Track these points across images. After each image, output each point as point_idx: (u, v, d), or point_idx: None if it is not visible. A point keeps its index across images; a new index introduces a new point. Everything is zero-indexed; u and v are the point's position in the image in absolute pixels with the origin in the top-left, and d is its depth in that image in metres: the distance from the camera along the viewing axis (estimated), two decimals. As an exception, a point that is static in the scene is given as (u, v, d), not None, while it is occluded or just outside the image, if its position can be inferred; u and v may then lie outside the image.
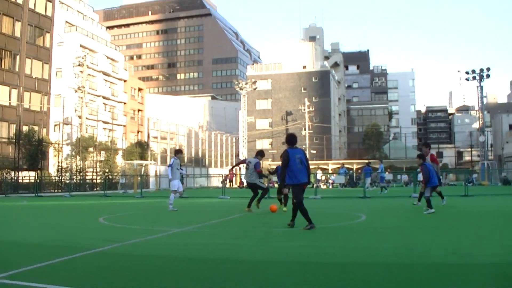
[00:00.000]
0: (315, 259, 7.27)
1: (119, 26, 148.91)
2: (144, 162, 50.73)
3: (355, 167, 68.58)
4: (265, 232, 11.15)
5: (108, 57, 70.87)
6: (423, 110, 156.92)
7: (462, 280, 5.82)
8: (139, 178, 41.29)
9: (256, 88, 75.22)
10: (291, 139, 11.19)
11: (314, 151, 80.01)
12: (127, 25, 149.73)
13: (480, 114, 70.10)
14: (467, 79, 67.43)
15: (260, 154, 17.75)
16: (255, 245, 8.97)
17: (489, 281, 5.86)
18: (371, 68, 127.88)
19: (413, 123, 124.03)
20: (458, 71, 78.88)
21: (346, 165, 59.18)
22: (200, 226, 12.56)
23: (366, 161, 50.12)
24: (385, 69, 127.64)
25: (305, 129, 79.77)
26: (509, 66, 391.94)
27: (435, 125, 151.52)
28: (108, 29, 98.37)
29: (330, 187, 51.97)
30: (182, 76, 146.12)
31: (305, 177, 10.78)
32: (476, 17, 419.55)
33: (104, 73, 68.08)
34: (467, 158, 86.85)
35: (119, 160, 55.77)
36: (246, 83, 70.15)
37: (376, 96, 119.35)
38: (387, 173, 38.88)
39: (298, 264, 6.87)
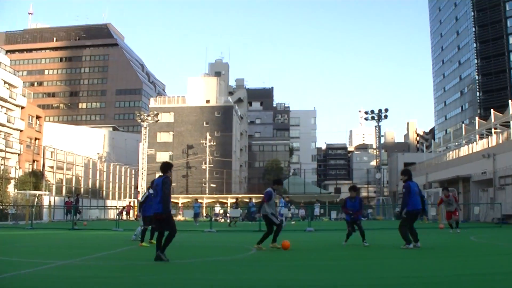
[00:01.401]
0: None
1: (21, 51, 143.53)
2: (37, 192, 48.88)
3: (254, 201, 68.92)
4: (147, 265, 10.84)
5: (5, 82, 68.31)
6: (324, 147, 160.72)
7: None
8: (31, 209, 39.64)
9: (158, 120, 74.52)
10: (162, 167, 11.36)
11: (214, 185, 79.96)
12: (30, 50, 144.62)
13: (377, 153, 72.60)
14: (366, 119, 69.97)
15: (277, 182, 15.71)
16: (136, 278, 8.89)
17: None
18: (274, 105, 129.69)
19: (313, 159, 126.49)
20: (359, 111, 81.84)
21: (244, 199, 59.58)
22: (85, 258, 12.22)
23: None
24: (288, 106, 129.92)
25: (205, 163, 79.67)
26: (407, 108, 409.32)
27: (334, 162, 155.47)
28: (8, 53, 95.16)
29: (228, 220, 51.99)
30: (84, 105, 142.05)
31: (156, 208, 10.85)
32: (376, 61, 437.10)
33: (0, 98, 65.48)
34: (364, 194, 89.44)
35: (11, 190, 53.50)
36: (148, 115, 69.46)
37: (278, 133, 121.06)
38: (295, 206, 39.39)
39: None
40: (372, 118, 68.98)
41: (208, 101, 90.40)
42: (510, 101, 47.57)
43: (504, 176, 39.43)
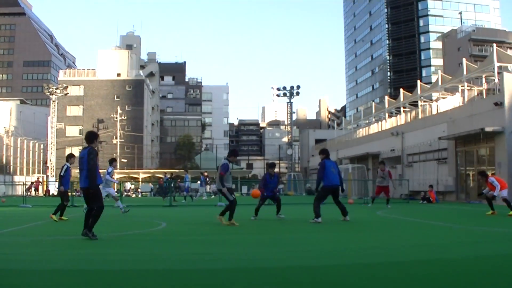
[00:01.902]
0: (98, 267, 6.98)
1: None
2: None
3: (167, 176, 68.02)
4: (56, 240, 10.42)
5: None
6: (236, 123, 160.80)
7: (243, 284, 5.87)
8: None
9: (68, 93, 72.03)
10: (88, 137, 10.25)
11: (125, 160, 78.33)
12: None
13: (289, 129, 73.01)
14: (279, 95, 70.17)
15: (233, 153, 14.82)
16: (41, 254, 8.34)
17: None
18: (186, 79, 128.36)
19: (225, 135, 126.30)
20: (272, 87, 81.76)
21: (157, 175, 58.59)
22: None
23: (176, 170, 50.13)
24: (201, 82, 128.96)
25: (116, 138, 77.85)
26: (319, 86, 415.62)
27: (247, 138, 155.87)
28: None
29: (140, 195, 51.50)
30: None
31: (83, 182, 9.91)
32: (289, 38, 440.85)
33: None
34: (275, 170, 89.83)
35: None
36: (57, 88, 66.97)
37: (190, 108, 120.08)
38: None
39: (78, 272, 6.51)
40: (284, 94, 69.30)
41: (119, 75, 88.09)
42: (418, 81, 48.57)
43: (412, 153, 40.30)
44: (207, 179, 42.21)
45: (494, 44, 36.90)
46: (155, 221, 15.21)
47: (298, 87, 69.34)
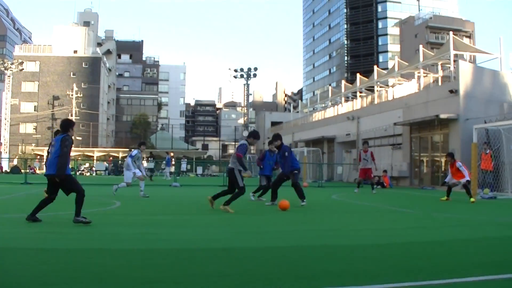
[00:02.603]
0: (40, 246, 6.83)
1: None
2: None
3: (120, 155, 67.26)
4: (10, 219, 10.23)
5: None
6: (192, 103, 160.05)
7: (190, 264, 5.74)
8: None
9: (23, 69, 70.62)
10: (63, 125, 9.85)
11: (80, 138, 77.12)
12: None
13: (246, 111, 72.85)
14: (236, 77, 69.94)
15: (253, 135, 13.88)
16: None
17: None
18: (144, 58, 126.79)
19: (181, 115, 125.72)
20: (229, 68, 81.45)
21: (111, 153, 57.97)
22: None
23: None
24: (158, 61, 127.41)
25: (71, 115, 76.48)
26: (276, 68, 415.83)
27: (203, 119, 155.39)
28: None
29: (94, 174, 50.87)
30: None
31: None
32: (247, 20, 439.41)
33: None
34: (231, 151, 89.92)
35: None
36: (12, 63, 65.45)
37: (147, 87, 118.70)
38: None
39: (24, 251, 6.38)
40: (242, 76, 69.17)
41: (75, 52, 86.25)
42: (375, 66, 48.86)
43: (367, 138, 40.54)
44: (173, 160, 42.03)
45: (451, 32, 37.33)
46: (110, 201, 15.04)
47: (256, 69, 69.29)
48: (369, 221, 11.30)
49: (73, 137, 9.67)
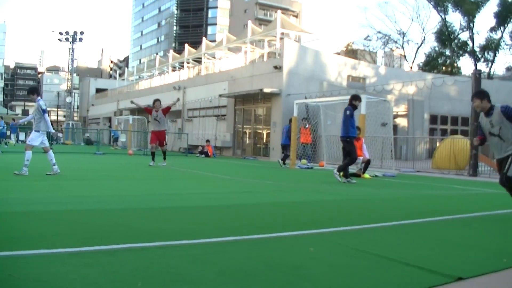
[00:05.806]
0: None
1: None
2: None
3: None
4: None
5: None
6: (12, 65, 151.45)
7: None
8: None
9: None
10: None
11: None
12: None
13: (69, 76, 70.27)
14: (60, 40, 67.11)
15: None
16: None
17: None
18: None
19: (0, 78, 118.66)
20: (53, 31, 77.95)
21: None
22: None
23: None
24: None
25: None
26: (104, 34, 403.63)
27: (23, 82, 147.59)
28: None
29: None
30: None
31: None
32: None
33: None
34: (53, 117, 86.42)
35: None
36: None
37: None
38: None
39: None
40: (67, 39, 66.50)
41: None
42: (204, 38, 49.34)
43: (192, 108, 41.03)
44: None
45: (279, 11, 38.76)
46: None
47: (82, 33, 66.90)
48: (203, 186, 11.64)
49: None
